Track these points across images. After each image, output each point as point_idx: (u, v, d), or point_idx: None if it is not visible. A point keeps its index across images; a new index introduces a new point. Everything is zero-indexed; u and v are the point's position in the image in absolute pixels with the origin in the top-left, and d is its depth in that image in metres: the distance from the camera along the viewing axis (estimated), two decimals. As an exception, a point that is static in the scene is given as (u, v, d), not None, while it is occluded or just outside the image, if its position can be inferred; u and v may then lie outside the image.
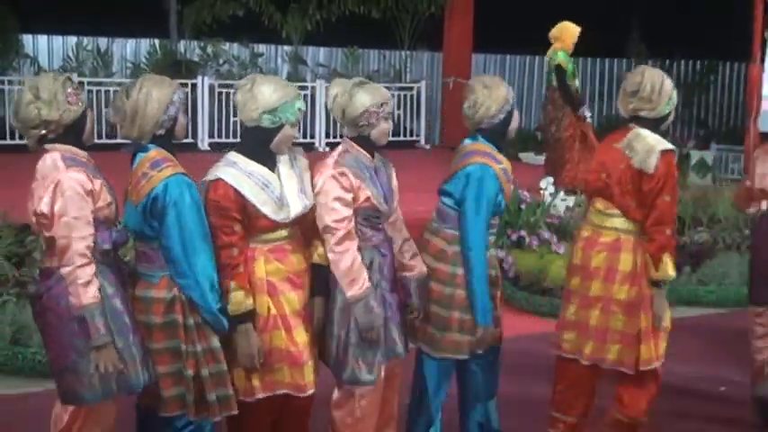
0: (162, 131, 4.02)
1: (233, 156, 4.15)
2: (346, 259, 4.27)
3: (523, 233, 8.62)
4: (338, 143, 4.58)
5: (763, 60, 10.64)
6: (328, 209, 4.28)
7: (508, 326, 5.64)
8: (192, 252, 3.93)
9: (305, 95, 14.45)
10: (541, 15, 15.86)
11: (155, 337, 4.01)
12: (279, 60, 15.67)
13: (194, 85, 13.83)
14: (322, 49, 15.84)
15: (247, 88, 4.11)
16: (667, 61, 18.04)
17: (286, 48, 15.41)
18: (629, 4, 16.87)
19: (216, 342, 4.06)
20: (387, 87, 15.19)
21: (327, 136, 14.57)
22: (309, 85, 14.74)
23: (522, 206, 8.94)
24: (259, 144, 4.18)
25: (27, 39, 13.96)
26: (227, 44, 14.84)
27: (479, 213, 4.62)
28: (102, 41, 14.39)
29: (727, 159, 15.05)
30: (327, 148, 14.31)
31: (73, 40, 14.26)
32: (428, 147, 15.49)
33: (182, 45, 14.63)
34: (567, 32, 11.18)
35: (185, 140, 11.82)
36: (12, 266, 7.00)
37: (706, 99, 18.72)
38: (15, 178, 10.01)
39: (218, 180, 4.05)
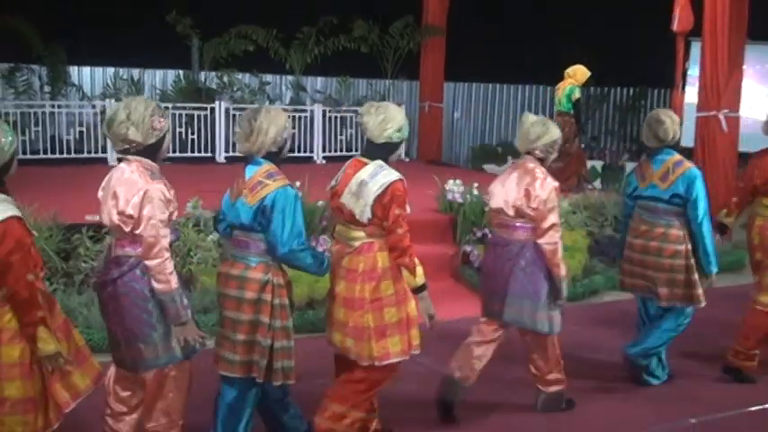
0: (275, 149, 4.23)
1: (381, 163, 4.41)
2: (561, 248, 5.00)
3: (486, 231, 8.64)
4: (334, 157, 4.63)
5: (683, 87, 10.70)
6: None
7: (475, 307, 5.67)
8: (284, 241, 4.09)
9: (305, 117, 14.51)
10: (500, 52, 15.96)
11: (243, 309, 4.14)
12: (283, 88, 15.66)
13: (212, 109, 13.81)
14: (319, 79, 15.83)
15: (374, 112, 4.43)
16: (606, 89, 18.15)
17: (289, 77, 15.38)
18: (573, 38, 16.89)
19: (290, 323, 4.24)
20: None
21: (324, 150, 14.61)
22: (309, 108, 14.72)
23: (486, 208, 8.96)
24: (386, 156, 4.46)
25: (73, 70, 13.88)
26: (240, 74, 14.80)
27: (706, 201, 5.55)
28: (135, 72, 14.34)
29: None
30: (324, 162, 14.35)
31: (111, 70, 14.19)
32: (407, 160, 15.48)
33: (202, 75, 14.58)
34: (580, 72, 11.67)
35: (204, 154, 11.77)
36: (61, 260, 7.00)
37: (637, 120, 18.76)
38: (67, 186, 10.06)
39: (400, 180, 4.34)
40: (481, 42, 15.37)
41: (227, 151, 13.93)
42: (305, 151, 14.48)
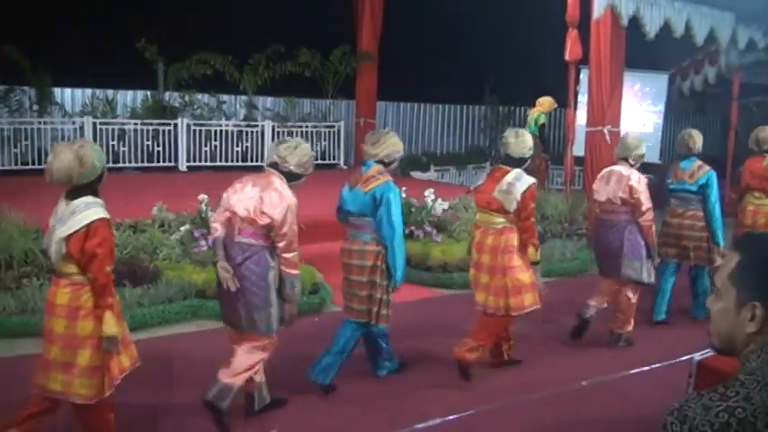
0: (387, 161, 5.13)
1: (520, 170, 5.36)
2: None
3: (413, 228, 8.76)
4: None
5: (575, 107, 10.97)
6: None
7: (404, 294, 5.79)
8: (393, 226, 4.93)
9: (256, 132, 14.45)
10: (424, 76, 16.13)
11: (365, 273, 5.02)
12: (237, 106, 15.53)
13: (176, 125, 13.69)
14: (269, 98, 15.74)
15: (515, 136, 5.38)
16: (511, 108, 18.47)
17: (243, 97, 15.27)
18: (484, 69, 17.18)
19: (387, 281, 5.06)
20: (315, 126, 15.18)
21: (274, 160, 14.55)
22: (260, 124, 14.66)
23: (412, 209, 9.08)
24: (520, 166, 5.41)
25: (57, 90, 13.60)
26: (200, 94, 14.65)
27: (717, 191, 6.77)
28: (110, 92, 14.10)
29: (554, 174, 15.46)
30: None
31: (89, 91, 13.94)
32: (345, 167, 15.55)
33: (167, 95, 14.39)
34: (547, 102, 12.07)
35: (168, 163, 11.64)
36: (46, 258, 6.87)
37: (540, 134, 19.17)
38: (51, 193, 9.88)
39: (534, 184, 5.31)
40: (409, 67, 15.49)
41: (188, 161, 13.82)
42: (256, 161, 14.42)
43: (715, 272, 6.43)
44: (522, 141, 5.37)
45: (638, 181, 6.11)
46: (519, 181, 5.26)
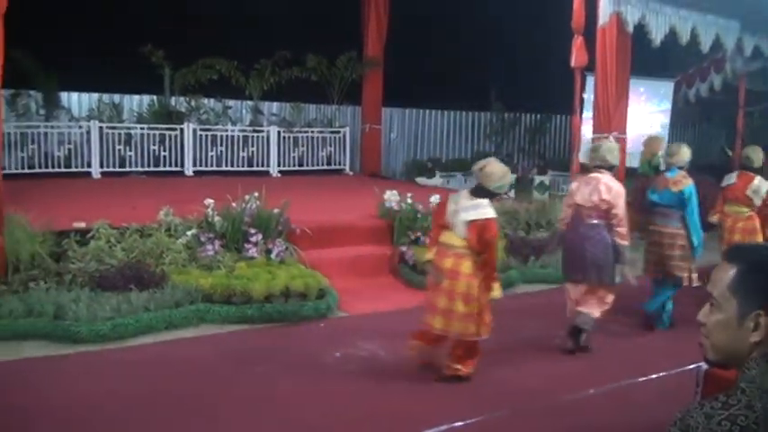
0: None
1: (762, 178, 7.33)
2: None
3: (419, 234, 8.73)
4: (288, 171, 4.77)
5: (581, 113, 10.95)
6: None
7: (411, 299, 5.78)
8: (696, 215, 6.77)
9: (262, 137, 14.47)
10: (429, 82, 16.12)
11: (677, 248, 6.85)
12: (243, 111, 15.55)
13: (182, 129, 13.71)
14: (275, 103, 15.74)
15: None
16: (517, 114, 18.48)
17: (248, 102, 15.29)
18: (489, 75, 17.16)
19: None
20: (321, 131, 15.21)
21: (279, 165, 14.60)
22: (266, 129, 14.68)
23: (419, 215, 9.05)
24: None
25: (64, 95, 13.65)
26: (206, 99, 14.68)
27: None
28: (117, 96, 14.14)
29: (559, 181, 15.46)
30: (279, 175, 14.34)
31: (95, 95, 13.97)
32: (351, 173, 15.57)
33: (173, 100, 14.42)
34: (654, 143, 10.61)
35: (175, 168, 11.66)
36: (53, 261, 6.90)
37: (544, 140, 19.20)
38: (57, 196, 9.89)
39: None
40: (414, 73, 15.49)
41: (194, 165, 13.83)
42: (262, 166, 14.45)
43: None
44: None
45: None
46: (763, 184, 7.52)
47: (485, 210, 5.11)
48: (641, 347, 6.44)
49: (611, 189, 5.98)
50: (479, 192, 5.20)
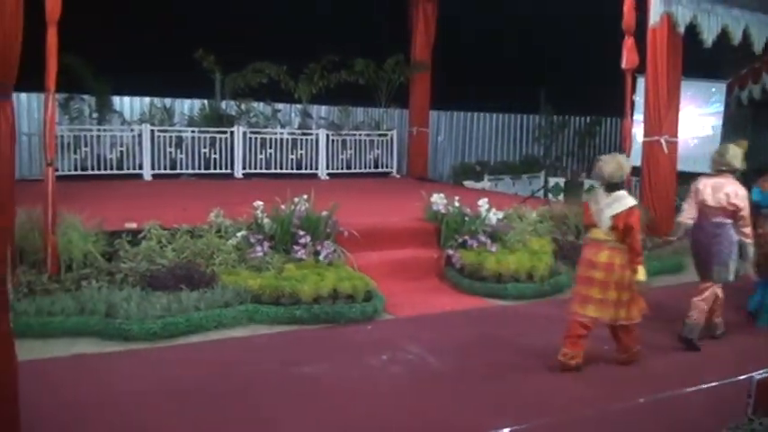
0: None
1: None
2: None
3: (466, 237, 8.64)
4: (336, 174, 4.75)
5: (632, 116, 10.76)
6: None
7: (457, 302, 5.73)
8: None
9: (311, 140, 14.56)
10: (476, 85, 16.02)
11: None
12: (292, 114, 15.67)
13: (232, 133, 13.90)
14: (323, 107, 15.85)
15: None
16: (566, 116, 18.26)
17: (297, 105, 15.42)
18: (539, 78, 17.00)
19: None
20: (368, 134, 15.21)
21: (327, 168, 14.68)
22: (314, 132, 14.80)
23: (466, 218, 8.98)
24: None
25: (116, 99, 13.95)
26: (256, 103, 14.85)
27: None
28: (168, 100, 14.38)
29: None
30: (328, 177, 14.41)
31: (147, 99, 14.25)
32: (398, 176, 15.57)
33: (223, 103, 14.62)
34: None
35: (225, 170, 11.85)
36: (105, 261, 7.02)
37: (594, 143, 18.93)
38: (109, 197, 10.09)
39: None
40: (462, 76, 15.42)
41: (244, 168, 13.99)
42: (311, 168, 14.55)
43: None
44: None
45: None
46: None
47: (625, 200, 5.59)
48: (697, 353, 6.26)
49: (737, 193, 6.31)
50: (611, 187, 5.65)
